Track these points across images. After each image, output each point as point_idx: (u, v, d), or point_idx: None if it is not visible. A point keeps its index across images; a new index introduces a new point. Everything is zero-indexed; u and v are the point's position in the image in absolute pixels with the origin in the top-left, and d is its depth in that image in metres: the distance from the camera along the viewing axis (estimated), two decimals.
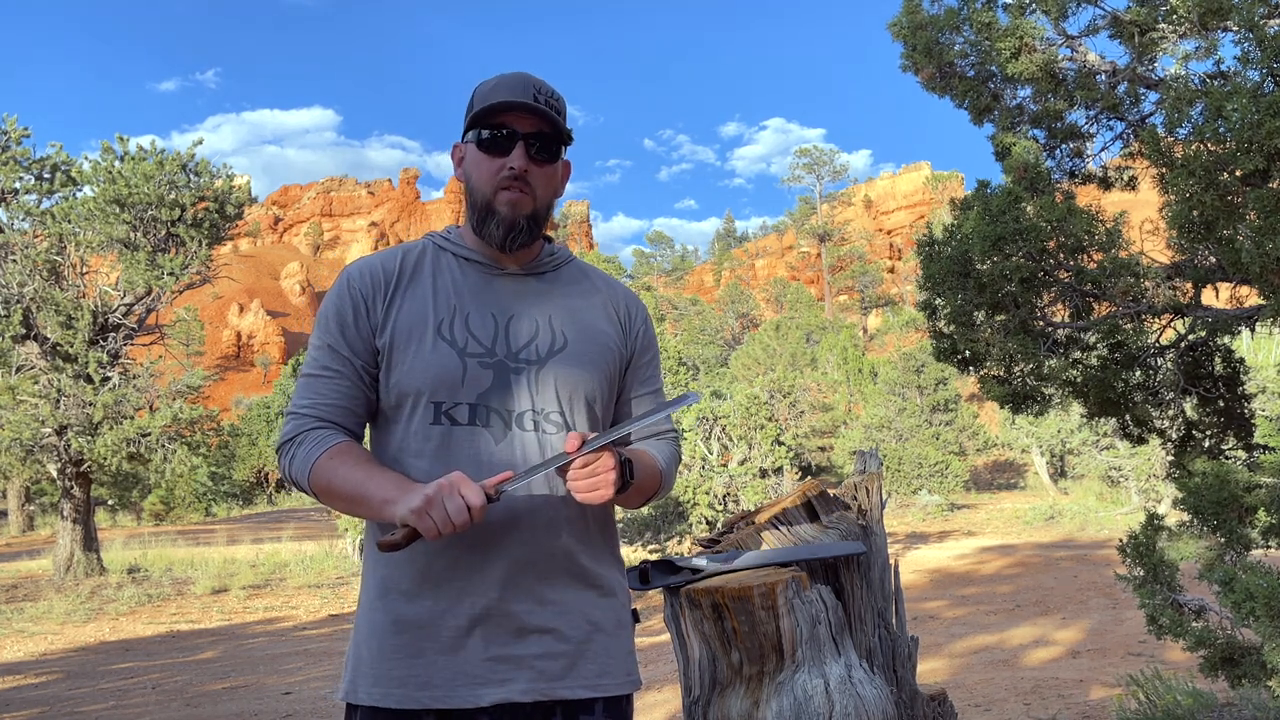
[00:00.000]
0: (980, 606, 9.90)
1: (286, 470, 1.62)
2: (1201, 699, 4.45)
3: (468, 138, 1.65)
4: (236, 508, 34.56)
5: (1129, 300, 3.49)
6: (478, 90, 1.65)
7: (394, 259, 1.67)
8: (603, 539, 1.68)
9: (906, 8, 4.11)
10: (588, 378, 1.66)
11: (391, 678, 1.53)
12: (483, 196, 1.63)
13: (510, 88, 1.60)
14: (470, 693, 1.53)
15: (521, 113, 1.60)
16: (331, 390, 1.62)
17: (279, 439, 1.65)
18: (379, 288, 1.63)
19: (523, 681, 1.54)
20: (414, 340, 1.59)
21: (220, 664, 9.22)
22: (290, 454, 1.60)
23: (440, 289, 1.64)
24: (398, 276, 1.65)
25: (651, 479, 1.67)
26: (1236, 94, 2.79)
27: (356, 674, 1.58)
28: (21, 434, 14.14)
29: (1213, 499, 3.31)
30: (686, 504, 12.81)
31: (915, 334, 36.31)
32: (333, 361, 1.62)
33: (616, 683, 1.63)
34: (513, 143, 1.60)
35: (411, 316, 1.61)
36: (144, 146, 15.08)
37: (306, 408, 1.62)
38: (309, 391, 1.63)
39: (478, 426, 1.57)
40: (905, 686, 2.03)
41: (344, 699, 1.59)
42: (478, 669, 1.53)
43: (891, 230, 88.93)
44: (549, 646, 1.57)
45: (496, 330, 1.62)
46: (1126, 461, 19.08)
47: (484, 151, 1.62)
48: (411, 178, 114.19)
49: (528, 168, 1.61)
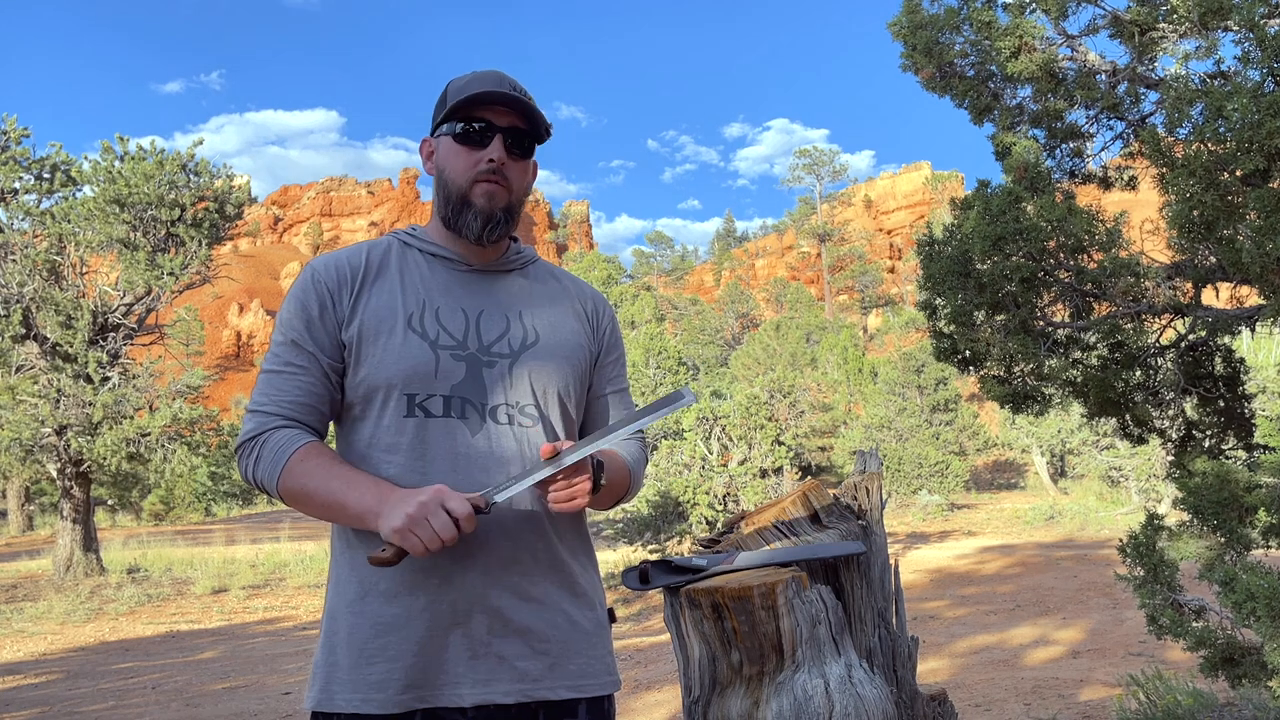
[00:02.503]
0: (980, 606, 9.89)
1: (249, 472, 1.54)
2: (1202, 699, 4.45)
3: (441, 131, 1.64)
4: (236, 508, 34.55)
5: (1129, 300, 3.49)
6: (451, 85, 1.64)
7: (359, 254, 1.65)
8: (578, 539, 1.68)
9: (906, 7, 4.11)
10: (561, 373, 1.65)
11: (370, 682, 1.50)
12: (458, 189, 1.61)
13: (485, 82, 1.60)
14: (453, 692, 1.51)
15: (500, 106, 1.60)
16: (295, 387, 1.56)
17: (239, 438, 1.58)
18: (345, 282, 1.60)
19: (505, 682, 1.53)
20: (383, 333, 1.56)
21: (220, 664, 9.22)
22: (254, 454, 1.53)
23: (409, 283, 1.62)
24: (364, 271, 1.62)
25: (621, 480, 1.66)
26: (1237, 94, 2.79)
27: (331, 680, 1.52)
28: (21, 434, 14.13)
29: (1213, 499, 3.31)
30: (686, 504, 12.80)
31: (915, 334, 36.32)
32: (296, 357, 1.57)
33: (598, 683, 1.61)
34: (491, 135, 1.60)
35: (380, 310, 1.58)
36: (144, 146, 15.07)
37: (268, 405, 1.55)
38: (270, 388, 1.56)
39: (453, 418, 1.55)
40: (905, 686, 2.03)
41: (315, 708, 1.53)
42: (460, 668, 1.51)
43: (891, 230, 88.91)
44: (530, 646, 1.55)
45: (468, 324, 1.61)
46: (1126, 461, 19.08)
47: (461, 144, 1.60)
48: (411, 177, 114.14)
49: (505, 161, 1.60)
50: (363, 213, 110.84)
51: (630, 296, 31.62)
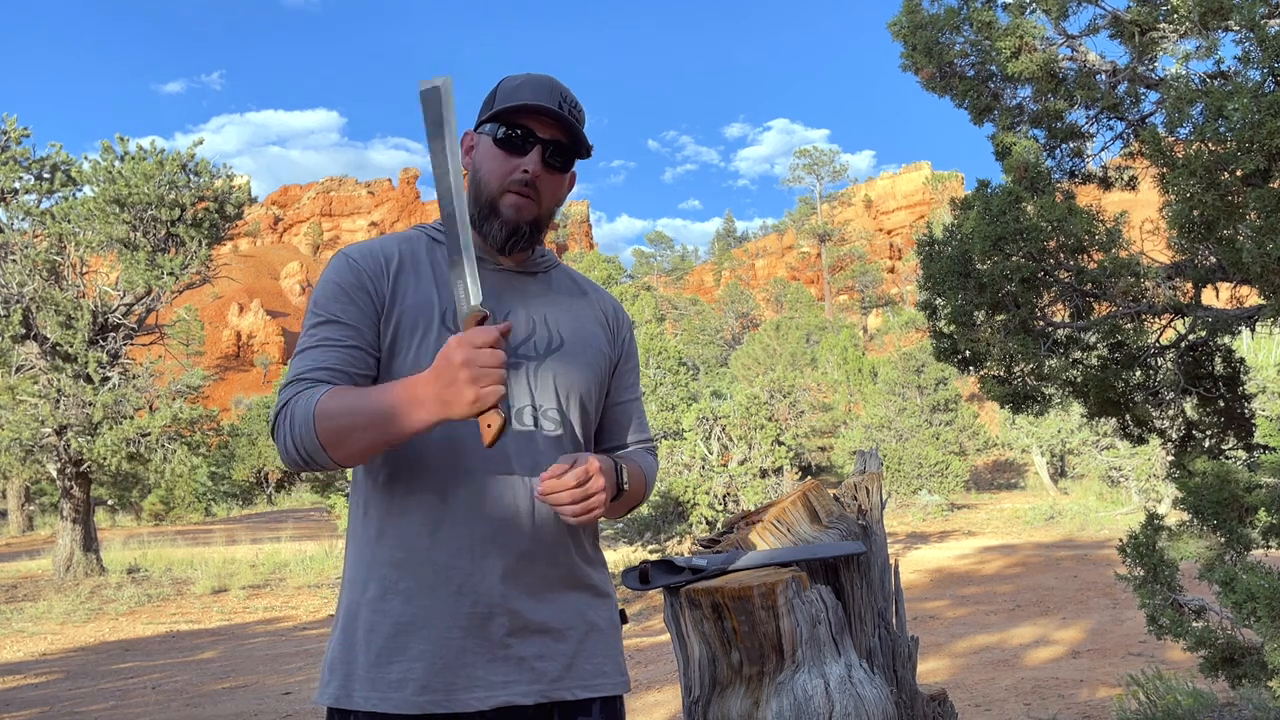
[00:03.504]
0: (980, 606, 9.89)
1: (285, 439, 1.45)
2: (1202, 699, 4.45)
3: (484, 129, 1.62)
4: (236, 508, 34.56)
5: (1129, 300, 3.49)
6: (502, 85, 1.62)
7: (391, 244, 1.64)
8: (591, 539, 1.69)
9: (907, 7, 4.11)
10: (584, 378, 1.65)
11: (389, 682, 1.50)
12: (489, 193, 1.60)
13: (536, 90, 1.58)
14: (471, 695, 1.50)
15: (545, 118, 1.58)
16: (331, 356, 1.52)
17: (270, 418, 1.53)
18: (380, 269, 1.59)
19: (523, 684, 1.53)
20: (419, 329, 1.56)
21: (220, 664, 9.22)
22: (287, 418, 1.46)
23: (441, 280, 1.61)
24: (398, 260, 1.61)
25: (639, 489, 1.67)
26: (1237, 93, 2.79)
27: (350, 678, 1.52)
28: (21, 434, 14.13)
29: (1213, 499, 3.31)
30: (686, 504, 12.80)
31: (915, 334, 36.31)
32: (333, 332, 1.53)
33: (612, 683, 1.62)
34: (530, 145, 1.58)
35: (419, 302, 1.58)
36: (144, 146, 15.08)
37: (305, 373, 1.50)
38: (304, 361, 1.52)
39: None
40: (905, 686, 2.03)
41: (332, 704, 1.52)
42: (479, 671, 1.51)
43: (891, 230, 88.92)
44: (548, 647, 1.55)
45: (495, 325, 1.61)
46: (1126, 461, 19.08)
47: (500, 148, 1.59)
48: (411, 177, 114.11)
49: (540, 174, 1.58)
50: (363, 213, 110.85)
51: (630, 296, 31.59)
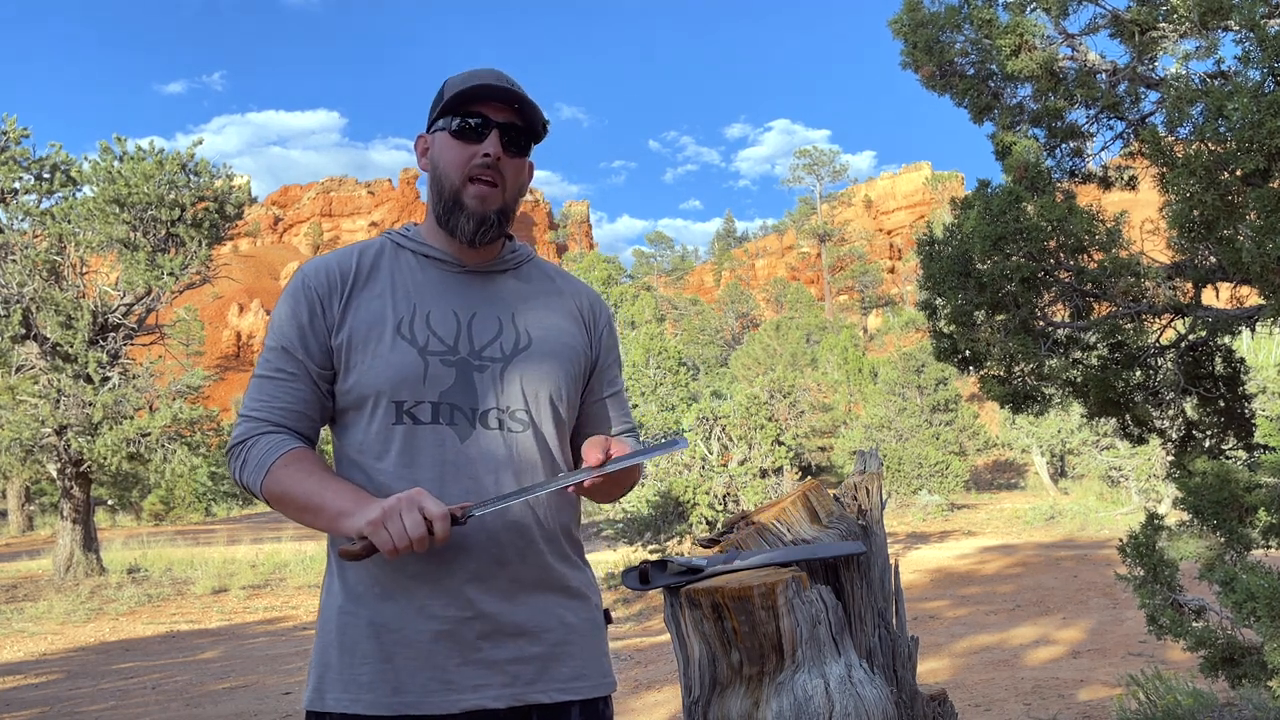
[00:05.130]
0: (981, 606, 9.89)
1: (237, 475, 1.57)
2: (1202, 699, 4.45)
3: (437, 126, 1.63)
4: (236, 508, 34.55)
5: (1129, 300, 3.49)
6: (448, 82, 1.64)
7: (350, 257, 1.64)
8: (570, 540, 1.67)
9: (907, 5, 4.10)
10: (553, 377, 1.63)
11: (361, 683, 1.50)
12: (451, 186, 1.60)
13: (483, 78, 1.60)
14: (443, 699, 1.50)
15: (497, 102, 1.59)
16: (284, 393, 1.58)
17: (230, 442, 1.60)
18: (335, 288, 1.60)
19: (496, 687, 1.52)
20: (372, 340, 1.56)
21: (220, 664, 9.22)
22: (241, 458, 1.56)
23: (399, 287, 1.61)
24: (354, 275, 1.61)
25: (634, 471, 1.66)
26: (1237, 93, 2.79)
27: (323, 680, 1.53)
28: (21, 434, 14.13)
29: (1213, 499, 3.31)
30: (686, 504, 12.80)
31: (915, 334, 36.31)
32: (286, 364, 1.58)
33: (592, 685, 1.60)
34: (487, 130, 1.58)
35: (370, 316, 1.58)
36: (143, 146, 15.08)
37: (259, 410, 1.57)
38: (261, 394, 1.58)
39: (441, 424, 1.54)
40: (905, 686, 2.03)
41: (309, 707, 1.54)
42: (451, 674, 1.50)
43: (891, 230, 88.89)
44: (522, 650, 1.54)
45: (459, 328, 1.59)
46: (1126, 461, 19.08)
47: (457, 139, 1.59)
48: (411, 178, 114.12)
49: (500, 156, 1.58)
50: (363, 213, 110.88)
51: (630, 297, 31.61)
